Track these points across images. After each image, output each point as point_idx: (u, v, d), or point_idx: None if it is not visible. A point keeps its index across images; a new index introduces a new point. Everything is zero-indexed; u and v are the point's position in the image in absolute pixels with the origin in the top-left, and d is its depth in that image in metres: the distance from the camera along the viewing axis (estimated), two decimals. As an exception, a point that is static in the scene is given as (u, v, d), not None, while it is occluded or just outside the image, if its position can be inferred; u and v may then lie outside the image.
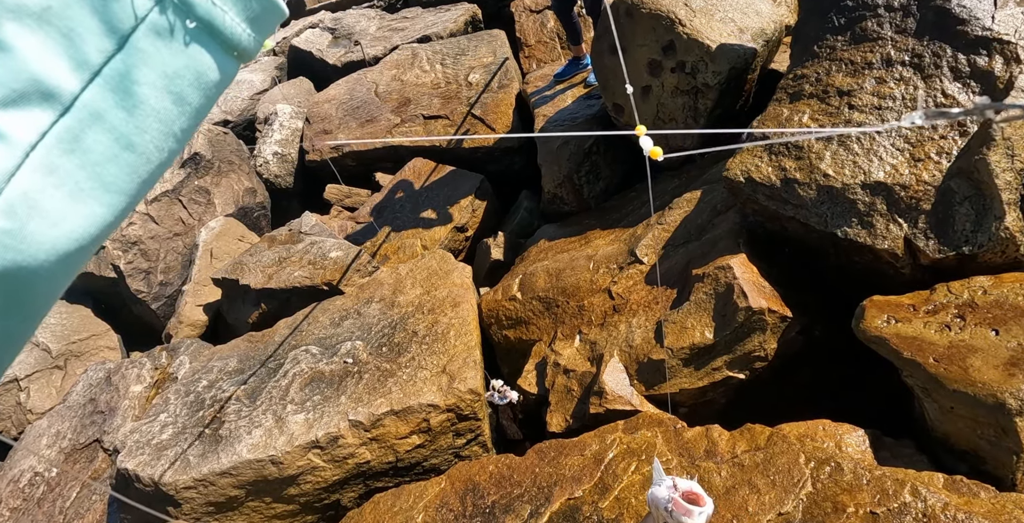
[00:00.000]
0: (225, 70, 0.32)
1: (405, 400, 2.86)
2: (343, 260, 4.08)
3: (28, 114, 0.26)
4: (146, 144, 0.30)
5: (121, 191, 0.30)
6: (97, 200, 0.29)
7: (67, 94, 0.27)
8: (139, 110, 0.29)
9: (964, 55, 2.38)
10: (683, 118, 3.66)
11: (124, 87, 0.28)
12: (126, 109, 0.29)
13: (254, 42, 0.32)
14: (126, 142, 0.29)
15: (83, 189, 0.28)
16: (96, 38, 0.27)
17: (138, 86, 0.29)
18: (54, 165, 0.27)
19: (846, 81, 2.61)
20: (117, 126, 0.29)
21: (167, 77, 0.29)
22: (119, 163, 0.29)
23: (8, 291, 0.27)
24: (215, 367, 3.51)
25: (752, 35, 3.56)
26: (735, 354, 2.50)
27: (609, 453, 2.32)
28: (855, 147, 2.47)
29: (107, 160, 0.29)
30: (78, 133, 0.28)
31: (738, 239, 2.74)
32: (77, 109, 0.27)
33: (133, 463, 2.97)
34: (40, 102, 0.26)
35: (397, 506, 2.56)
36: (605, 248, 3.34)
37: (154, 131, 0.30)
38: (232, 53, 0.32)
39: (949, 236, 2.23)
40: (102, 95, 0.28)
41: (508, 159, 4.98)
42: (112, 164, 0.29)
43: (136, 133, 0.29)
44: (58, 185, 0.27)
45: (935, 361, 1.95)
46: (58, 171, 0.27)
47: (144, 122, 0.29)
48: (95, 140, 0.28)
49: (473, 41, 5.76)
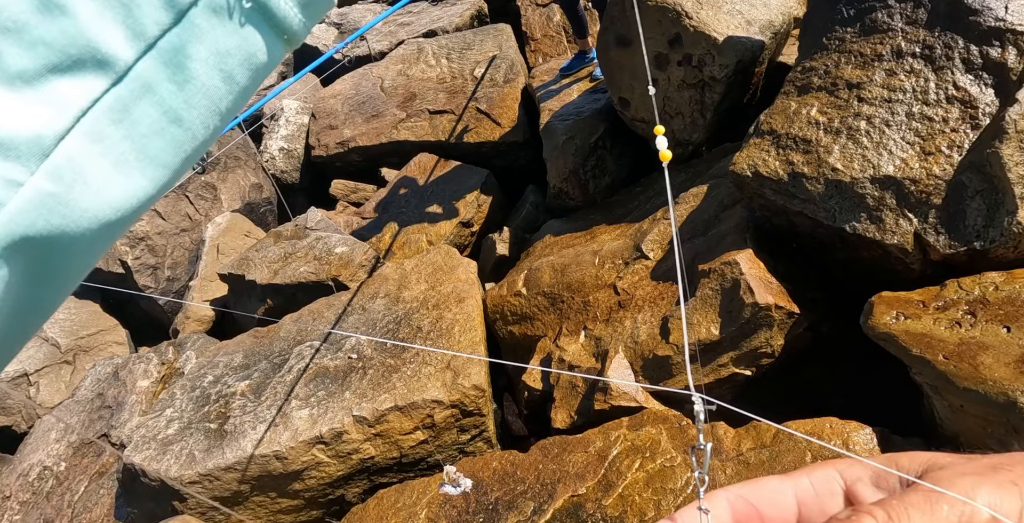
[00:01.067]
0: (274, 52, 0.32)
1: (409, 396, 2.85)
2: (348, 255, 4.08)
3: (81, 80, 0.26)
4: (193, 120, 0.30)
5: (164, 165, 0.30)
6: (140, 172, 0.29)
7: (121, 63, 0.27)
8: (189, 85, 0.29)
9: (976, 46, 2.33)
10: (690, 112, 3.62)
11: (177, 61, 0.29)
12: (177, 83, 0.29)
13: (304, 27, 0.33)
14: (174, 116, 0.29)
15: (128, 160, 0.28)
16: (155, 10, 0.27)
17: (191, 61, 0.29)
18: (102, 133, 0.27)
19: (855, 73, 2.57)
20: (167, 99, 0.29)
21: (219, 55, 0.30)
22: (165, 137, 0.29)
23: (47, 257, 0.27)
24: (221, 362, 3.52)
25: (760, 27, 3.51)
26: (741, 350, 2.47)
27: (613, 450, 2.30)
28: (864, 141, 2.43)
29: (154, 133, 0.29)
30: (128, 103, 0.28)
31: (745, 234, 2.70)
32: (130, 79, 0.28)
33: (139, 458, 2.98)
34: (94, 69, 0.27)
35: (401, 502, 2.56)
36: (611, 243, 3.32)
37: (202, 108, 0.30)
38: (282, 36, 0.32)
39: (960, 231, 2.19)
40: (155, 67, 0.28)
41: (514, 154, 4.96)
42: (158, 137, 0.29)
43: (184, 108, 0.30)
44: (104, 153, 0.28)
45: (945, 358, 1.92)
46: (105, 140, 0.28)
47: (193, 98, 0.30)
48: (144, 112, 0.28)
49: (479, 36, 5.73)
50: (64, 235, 0.27)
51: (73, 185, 0.27)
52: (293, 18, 0.32)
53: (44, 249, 0.27)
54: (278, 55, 0.33)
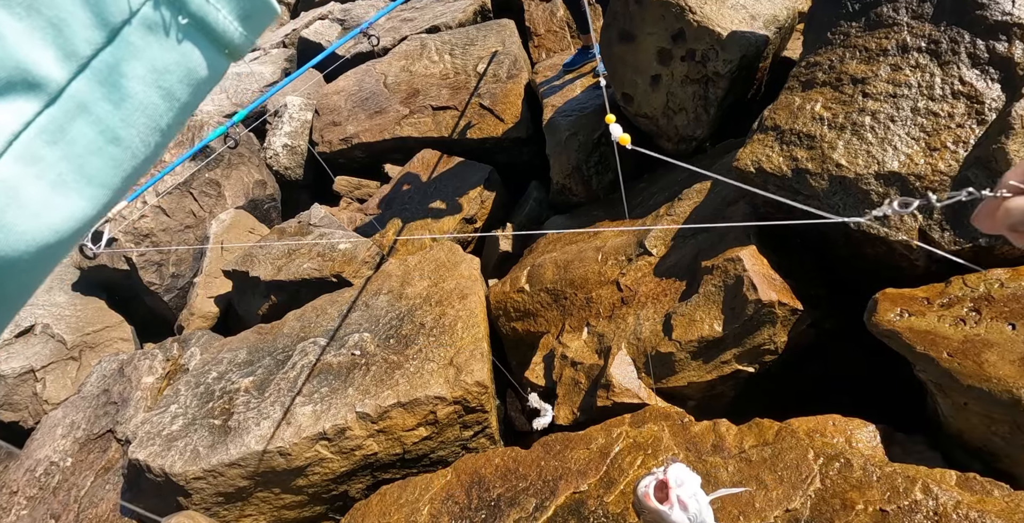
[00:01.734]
0: (215, 67, 0.32)
1: (412, 392, 2.86)
2: (352, 252, 4.08)
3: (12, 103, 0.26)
4: (132, 138, 0.30)
5: (104, 184, 0.29)
6: (79, 193, 0.28)
7: (53, 84, 0.27)
8: (126, 104, 0.29)
9: (983, 41, 2.31)
10: (693, 107, 3.60)
11: (112, 80, 0.28)
12: (113, 102, 0.28)
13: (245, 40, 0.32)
14: (112, 135, 0.29)
15: (65, 181, 0.28)
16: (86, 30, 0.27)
17: (126, 80, 0.28)
18: (37, 155, 0.27)
19: (860, 68, 2.55)
20: (103, 119, 0.28)
21: (156, 72, 0.29)
22: (103, 156, 0.29)
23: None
24: (225, 359, 3.53)
25: (764, 22, 3.49)
26: (744, 347, 2.47)
27: (615, 447, 2.30)
28: (869, 136, 2.41)
29: (91, 152, 0.28)
30: (63, 124, 0.27)
31: (748, 230, 2.69)
32: (63, 100, 0.27)
33: (144, 453, 3.00)
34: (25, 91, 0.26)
35: (403, 498, 2.56)
36: (614, 239, 3.31)
37: (140, 125, 0.30)
38: (223, 51, 0.32)
39: (965, 228, 2.17)
40: (89, 87, 0.28)
41: (517, 150, 4.94)
42: (96, 157, 0.29)
43: (122, 127, 0.29)
44: (40, 175, 0.27)
45: (949, 356, 1.91)
46: (41, 161, 0.27)
47: (131, 116, 0.29)
48: (80, 132, 0.28)
49: (482, 31, 5.71)
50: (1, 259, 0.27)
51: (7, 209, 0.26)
52: (233, 32, 0.31)
53: None
54: (220, 69, 0.32)
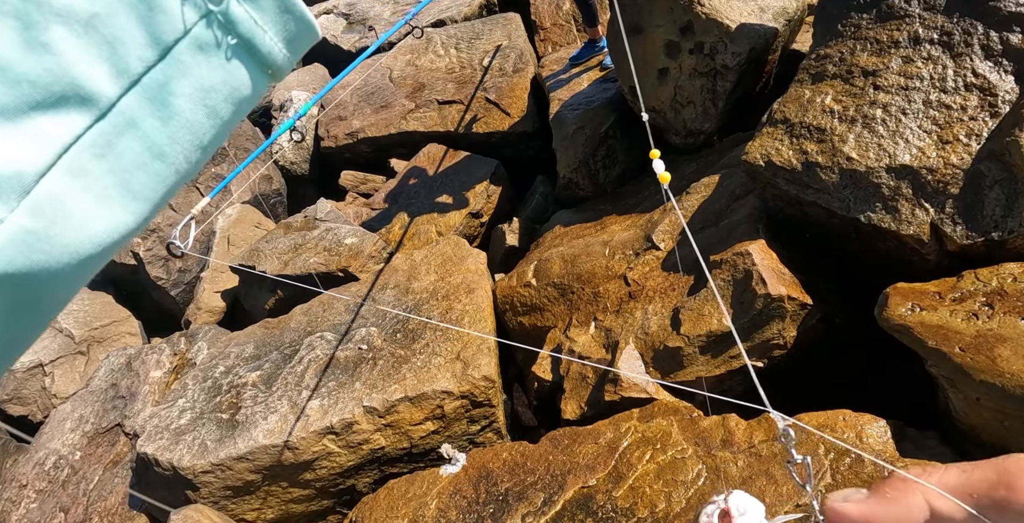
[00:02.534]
0: (257, 86, 0.33)
1: (419, 386, 2.86)
2: (358, 246, 4.08)
3: (65, 117, 0.27)
4: (176, 154, 0.30)
5: (146, 199, 0.30)
6: (123, 206, 0.29)
7: (105, 100, 0.27)
8: (173, 121, 0.30)
9: (996, 32, 2.28)
10: (701, 101, 3.58)
11: (161, 97, 0.29)
12: (160, 119, 0.29)
13: (287, 62, 0.33)
14: (157, 151, 0.30)
15: (110, 194, 0.29)
16: (139, 47, 0.28)
17: (175, 97, 0.29)
18: (85, 168, 0.27)
19: (871, 61, 2.52)
20: (150, 134, 0.29)
21: (203, 90, 0.30)
22: (148, 171, 0.30)
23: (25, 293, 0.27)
24: (232, 353, 3.54)
25: (773, 14, 3.45)
26: (753, 342, 2.45)
27: (624, 441, 2.30)
28: (880, 129, 2.39)
29: (137, 167, 0.29)
30: (111, 138, 0.28)
31: (757, 224, 2.68)
32: (113, 115, 0.28)
33: (152, 447, 3.01)
34: (78, 106, 0.27)
35: (411, 492, 2.57)
36: (621, 234, 3.29)
37: (185, 142, 0.30)
38: (267, 71, 0.32)
39: (978, 221, 2.15)
40: (139, 103, 0.28)
41: (523, 144, 4.93)
42: (141, 171, 0.29)
43: (168, 143, 0.30)
44: (86, 188, 0.28)
45: (961, 351, 1.89)
46: (88, 175, 0.28)
47: (176, 133, 0.30)
48: (127, 147, 0.28)
49: (488, 25, 5.68)
50: (45, 270, 0.27)
51: (55, 221, 0.27)
52: (277, 53, 0.32)
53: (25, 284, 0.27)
54: (262, 88, 0.33)
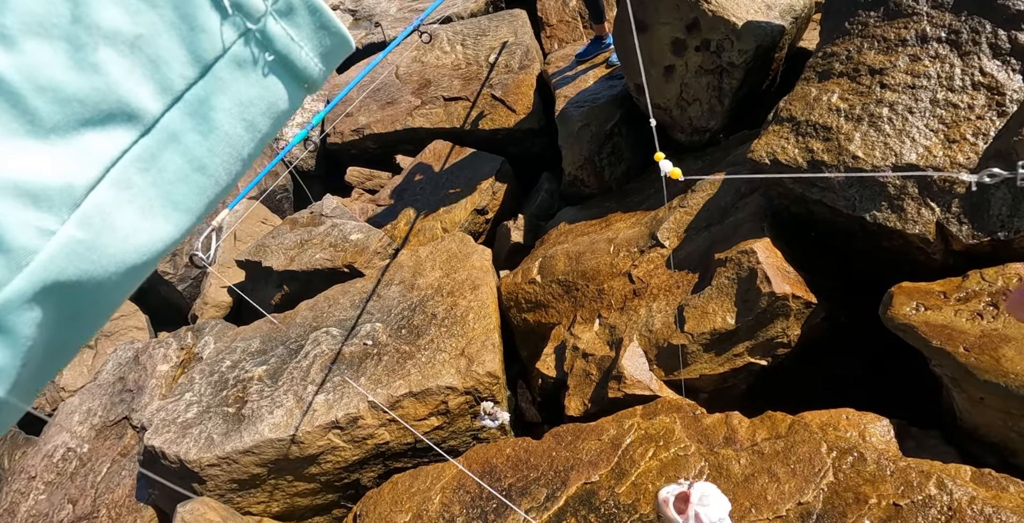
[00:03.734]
0: (293, 100, 0.34)
1: (424, 382, 2.87)
2: (364, 242, 4.10)
3: (112, 133, 0.28)
4: (216, 167, 0.32)
5: (188, 210, 0.31)
6: (165, 217, 0.30)
7: (149, 116, 0.29)
8: (213, 135, 0.31)
9: (1005, 31, 2.27)
10: (707, 98, 3.57)
11: (202, 112, 0.30)
12: (201, 133, 0.30)
13: (323, 74, 0.34)
14: (198, 164, 0.31)
15: (154, 206, 0.30)
16: (181, 65, 0.29)
17: (215, 112, 0.30)
18: (130, 182, 0.29)
19: (878, 59, 2.51)
20: (191, 148, 0.30)
21: (242, 105, 0.31)
22: (189, 183, 0.31)
23: (76, 300, 0.29)
24: (238, 348, 3.57)
25: (780, 11, 3.44)
26: (757, 340, 2.46)
27: (627, 438, 2.31)
28: (887, 128, 2.38)
29: (179, 180, 0.30)
30: (155, 153, 0.29)
31: (762, 223, 2.67)
32: (157, 130, 0.29)
33: (159, 440, 3.04)
34: (124, 122, 0.28)
35: (415, 487, 2.59)
36: (626, 231, 3.30)
37: (224, 155, 0.32)
38: (303, 85, 0.33)
39: (984, 221, 2.15)
40: (181, 119, 0.30)
41: (529, 141, 4.93)
42: (183, 184, 0.31)
43: (208, 156, 0.31)
44: (131, 201, 0.29)
45: (965, 350, 1.89)
46: (133, 187, 0.29)
47: (216, 146, 0.31)
48: (170, 160, 0.30)
49: (494, 21, 5.68)
50: (92, 279, 0.28)
51: (102, 232, 0.28)
52: (313, 68, 0.33)
53: (73, 292, 0.28)
54: (298, 101, 0.34)
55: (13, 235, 0.26)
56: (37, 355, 0.29)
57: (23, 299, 0.26)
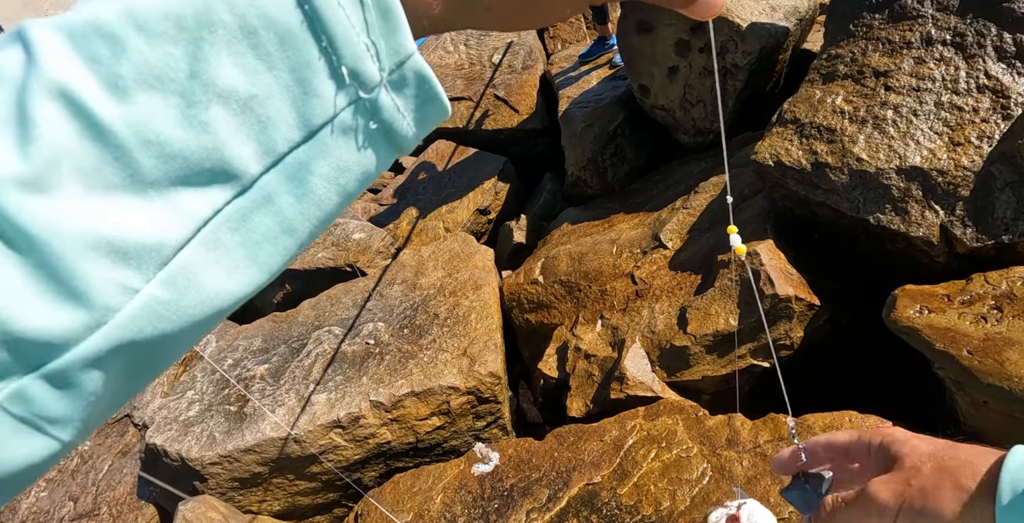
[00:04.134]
0: (383, 165, 0.33)
1: (426, 382, 2.87)
2: (366, 242, 4.10)
3: (209, 192, 0.27)
4: (303, 229, 0.31)
5: (268, 270, 0.31)
6: (248, 276, 0.30)
7: (248, 177, 0.28)
8: (307, 198, 0.30)
9: (1010, 34, 2.27)
10: (711, 99, 3.57)
11: (300, 176, 0.30)
12: (296, 196, 0.30)
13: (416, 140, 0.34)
14: (288, 226, 0.30)
15: (238, 266, 0.29)
16: (288, 129, 0.28)
17: (312, 176, 0.30)
18: (218, 241, 0.28)
19: (883, 61, 2.51)
20: (284, 210, 0.30)
21: (339, 170, 0.31)
22: (276, 244, 0.30)
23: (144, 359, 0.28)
24: (240, 346, 3.57)
25: (785, 13, 3.44)
26: (760, 342, 2.46)
27: (629, 439, 2.31)
28: (891, 130, 2.38)
29: (266, 241, 0.30)
30: (247, 213, 0.29)
31: (766, 224, 2.68)
32: (253, 191, 0.29)
33: (161, 438, 3.04)
34: (222, 182, 0.28)
35: (416, 486, 2.59)
36: (629, 232, 3.30)
37: (313, 218, 0.31)
38: (396, 150, 0.33)
39: (988, 224, 2.15)
40: (278, 181, 0.29)
41: (532, 141, 4.93)
42: (270, 245, 0.30)
43: (299, 219, 0.30)
44: (217, 261, 0.28)
45: (969, 353, 1.89)
46: (220, 247, 0.28)
47: (308, 209, 0.31)
48: (260, 221, 0.29)
49: (498, 21, 5.67)
50: (166, 338, 0.28)
51: (186, 293, 0.28)
52: (411, 136, 0.33)
53: (145, 351, 0.28)
54: (386, 166, 0.34)
55: (97, 292, 0.25)
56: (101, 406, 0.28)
57: (95, 357, 0.26)
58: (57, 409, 0.26)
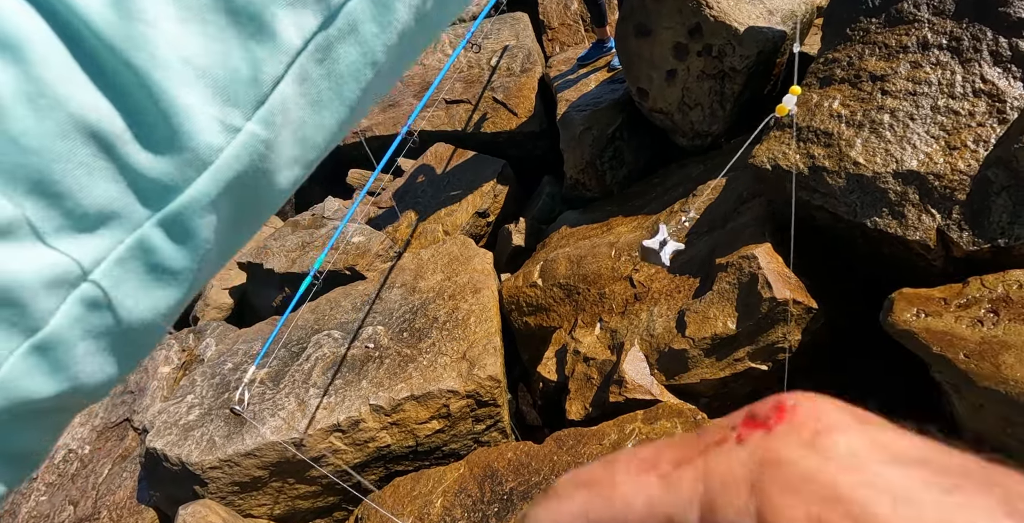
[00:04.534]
0: None
1: (425, 385, 2.88)
2: (365, 245, 4.11)
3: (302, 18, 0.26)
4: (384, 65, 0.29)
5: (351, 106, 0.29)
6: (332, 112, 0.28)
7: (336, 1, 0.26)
8: (391, 27, 0.28)
9: (1006, 38, 2.28)
10: (709, 103, 3.58)
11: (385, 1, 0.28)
12: (380, 25, 0.28)
13: None
14: (371, 59, 0.28)
15: (322, 100, 0.28)
16: None
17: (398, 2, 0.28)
18: (307, 73, 0.27)
19: (879, 65, 2.53)
20: (368, 41, 0.28)
21: None
22: (360, 80, 0.28)
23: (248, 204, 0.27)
24: (240, 350, 3.57)
25: (782, 17, 3.46)
26: (758, 345, 2.47)
27: (628, 443, 2.32)
28: (887, 134, 2.39)
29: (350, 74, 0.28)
30: (333, 42, 0.27)
31: (763, 228, 2.69)
32: (341, 17, 0.27)
33: (161, 443, 3.04)
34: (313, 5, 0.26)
35: (416, 490, 2.59)
36: (627, 235, 3.31)
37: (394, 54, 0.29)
38: None
39: (984, 228, 2.16)
40: (363, 5, 0.27)
41: (530, 144, 4.94)
42: (353, 80, 0.28)
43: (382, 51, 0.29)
44: (305, 94, 0.27)
45: (966, 357, 1.90)
46: (308, 80, 0.27)
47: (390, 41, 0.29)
48: (345, 52, 0.27)
49: (496, 24, 5.69)
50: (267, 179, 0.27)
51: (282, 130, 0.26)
52: None
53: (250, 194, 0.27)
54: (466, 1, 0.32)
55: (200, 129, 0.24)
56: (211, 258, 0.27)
57: (207, 199, 0.25)
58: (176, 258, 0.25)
